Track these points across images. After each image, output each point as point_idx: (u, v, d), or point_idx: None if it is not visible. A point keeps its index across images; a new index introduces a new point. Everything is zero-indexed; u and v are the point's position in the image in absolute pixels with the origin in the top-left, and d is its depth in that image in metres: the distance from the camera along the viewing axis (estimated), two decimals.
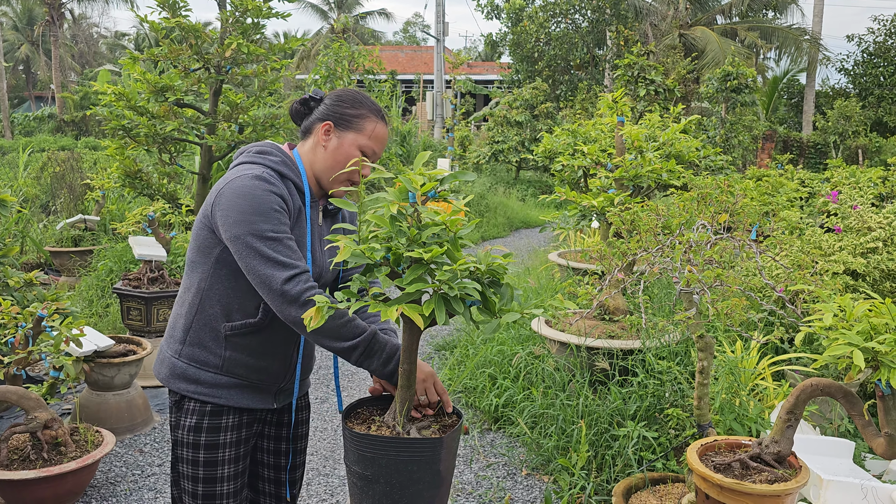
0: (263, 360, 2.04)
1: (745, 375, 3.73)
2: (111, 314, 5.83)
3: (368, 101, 2.09)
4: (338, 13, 38.92)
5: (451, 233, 1.68)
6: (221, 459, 2.05)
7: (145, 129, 6.17)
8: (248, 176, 1.93)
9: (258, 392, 2.07)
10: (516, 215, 13.24)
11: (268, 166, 2.00)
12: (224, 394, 2.02)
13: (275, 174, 1.99)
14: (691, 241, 2.85)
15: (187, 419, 2.03)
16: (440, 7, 21.81)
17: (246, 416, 2.08)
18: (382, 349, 1.90)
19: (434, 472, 1.79)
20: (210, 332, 2.01)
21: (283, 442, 2.25)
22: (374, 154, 2.08)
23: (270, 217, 1.88)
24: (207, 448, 2.03)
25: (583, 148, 5.00)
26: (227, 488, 2.07)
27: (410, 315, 1.59)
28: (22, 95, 43.68)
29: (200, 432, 2.02)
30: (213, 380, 2.02)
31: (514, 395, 4.25)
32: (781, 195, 8.06)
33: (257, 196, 1.89)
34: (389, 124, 2.12)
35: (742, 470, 2.30)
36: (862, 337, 1.96)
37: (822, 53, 23.74)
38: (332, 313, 1.71)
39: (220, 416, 2.04)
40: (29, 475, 3.19)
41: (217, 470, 2.04)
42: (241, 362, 2.02)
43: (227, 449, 2.05)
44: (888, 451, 2.09)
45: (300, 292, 1.82)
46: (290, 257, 1.87)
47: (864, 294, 3.96)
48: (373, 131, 2.05)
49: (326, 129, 2.05)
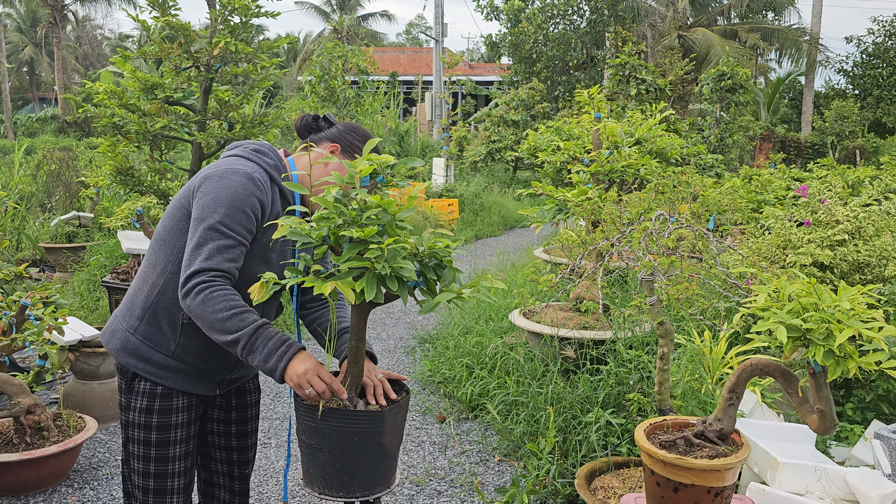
0: (214, 352, 2.08)
1: (713, 364, 3.82)
2: (102, 307, 5.94)
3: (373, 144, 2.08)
4: (340, 14, 39.08)
5: (390, 215, 1.77)
6: (173, 440, 2.11)
7: (136, 125, 6.28)
8: (241, 172, 1.98)
9: (202, 380, 2.13)
10: (511, 214, 13.33)
11: (262, 167, 2.06)
12: (171, 377, 2.08)
13: (266, 176, 2.06)
14: (648, 229, 2.94)
15: (139, 401, 2.08)
16: (439, 8, 21.92)
17: (195, 399, 2.15)
18: (264, 345, 1.82)
19: (376, 444, 1.88)
20: (168, 315, 2.05)
21: (231, 424, 2.34)
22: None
23: (237, 216, 1.93)
24: (159, 429, 2.09)
25: (560, 144, 5.10)
26: (179, 467, 2.14)
27: (343, 290, 1.69)
28: (25, 97, 43.92)
29: (152, 414, 2.08)
30: (163, 362, 2.07)
31: (490, 384, 4.34)
32: (769, 193, 8.14)
33: (239, 194, 1.94)
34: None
35: (686, 447, 2.39)
36: (792, 316, 2.05)
37: (822, 54, 23.80)
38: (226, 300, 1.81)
39: (171, 399, 2.10)
40: (11, 458, 3.29)
41: (169, 450, 2.11)
42: (192, 351, 2.07)
43: (178, 430, 2.12)
44: (821, 427, 2.18)
45: (197, 284, 1.85)
46: (223, 255, 1.89)
47: (830, 286, 4.04)
48: None
49: (333, 150, 2.14)
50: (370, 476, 1.93)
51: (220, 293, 1.85)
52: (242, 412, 2.35)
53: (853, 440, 3.59)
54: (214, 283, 1.86)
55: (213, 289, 1.85)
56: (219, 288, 1.86)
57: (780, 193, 7.87)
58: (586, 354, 4.10)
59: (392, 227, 1.85)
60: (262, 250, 2.06)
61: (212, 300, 1.83)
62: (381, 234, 1.81)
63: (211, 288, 1.85)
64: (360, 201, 1.85)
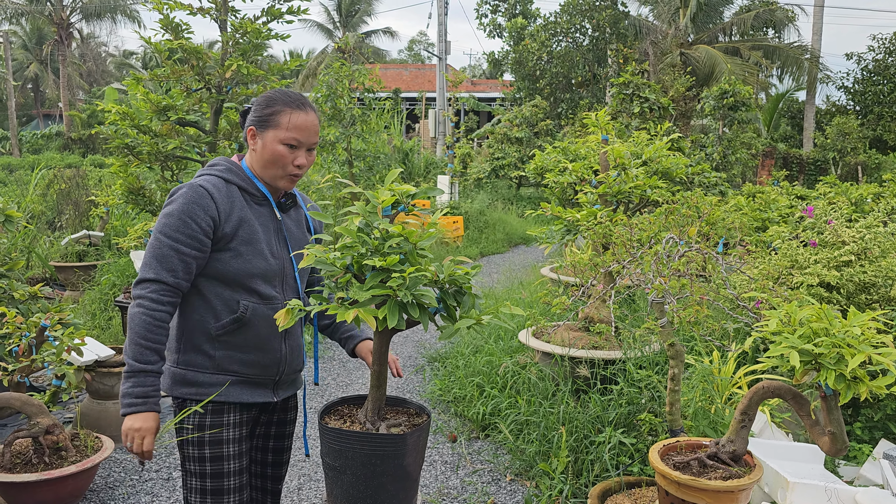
0: (253, 354, 2.17)
1: (722, 384, 3.86)
2: (113, 326, 5.99)
3: (283, 95, 2.19)
4: (343, 32, 39.37)
5: (411, 244, 1.83)
6: (227, 455, 2.18)
7: (148, 147, 6.37)
8: (185, 185, 2.14)
9: (256, 386, 2.22)
10: (515, 231, 13.39)
11: (213, 175, 2.19)
12: (224, 392, 2.16)
13: (219, 180, 2.17)
14: (659, 252, 3.00)
15: (191, 418, 2.16)
16: (442, 26, 22.11)
17: (246, 414, 2.24)
18: (133, 386, 2.01)
19: (398, 466, 1.93)
20: (202, 334, 2.15)
21: (270, 439, 2.40)
22: (300, 142, 2.16)
23: (175, 223, 2.07)
24: (212, 444, 2.17)
25: (567, 165, 5.17)
26: (234, 483, 2.20)
27: (365, 318, 1.74)
28: (30, 113, 44.20)
29: (204, 429, 2.16)
30: (210, 380, 2.16)
31: (501, 403, 4.39)
32: (773, 211, 8.20)
33: (178, 203, 2.09)
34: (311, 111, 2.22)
35: (700, 468, 2.44)
36: (803, 341, 2.11)
37: (823, 72, 23.93)
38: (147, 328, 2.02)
39: (223, 414, 2.18)
40: (31, 478, 3.34)
41: (224, 465, 2.18)
42: (233, 359, 2.16)
43: (231, 445, 2.19)
44: (832, 448, 2.23)
45: (137, 295, 2.05)
46: (162, 264, 2.05)
47: (837, 306, 4.09)
48: (289, 122, 2.14)
49: (251, 135, 2.21)
50: (392, 498, 1.98)
51: (147, 318, 2.03)
52: (282, 428, 2.41)
53: (861, 459, 3.62)
54: (150, 300, 2.04)
55: (147, 310, 2.03)
56: (150, 311, 2.04)
57: (785, 212, 7.93)
58: (596, 374, 4.14)
59: (413, 256, 1.91)
60: (245, 245, 2.14)
61: (139, 321, 2.03)
62: (402, 263, 1.87)
63: (145, 307, 2.04)
64: (382, 230, 1.91)
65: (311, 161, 2.21)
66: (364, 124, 11.16)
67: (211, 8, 6.63)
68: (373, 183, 10.95)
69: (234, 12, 6.77)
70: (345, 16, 40.02)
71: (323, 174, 10.81)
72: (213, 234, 2.11)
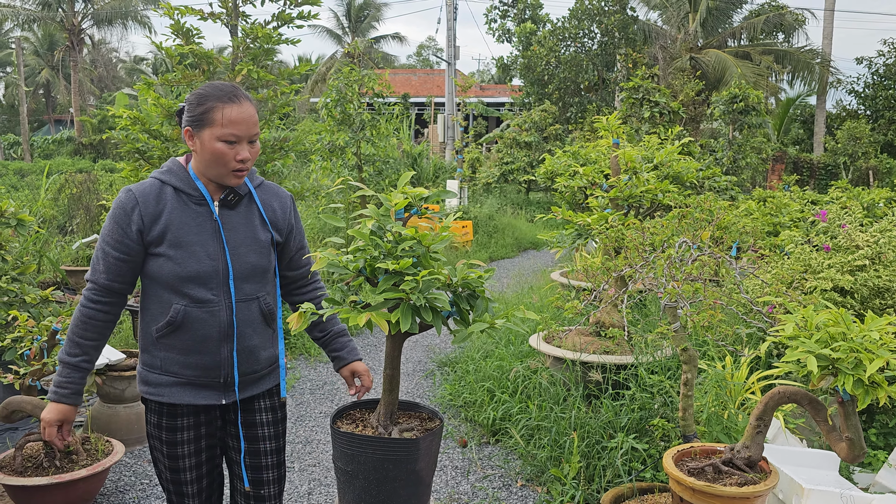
0: (190, 357, 2.17)
1: (735, 389, 3.83)
2: (124, 330, 6.00)
3: (214, 90, 2.14)
4: (352, 37, 39.49)
5: (424, 247, 1.81)
6: (181, 454, 2.25)
7: (159, 151, 6.38)
8: (122, 190, 2.20)
9: (201, 388, 2.21)
10: (525, 236, 13.36)
11: (153, 176, 2.23)
12: (167, 392, 2.19)
13: (155, 182, 2.19)
14: (672, 256, 2.98)
15: (151, 417, 2.25)
16: (451, 32, 22.13)
17: (203, 416, 2.26)
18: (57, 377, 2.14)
19: (411, 471, 1.91)
20: (148, 336, 2.22)
21: (241, 442, 2.33)
22: (238, 136, 2.11)
23: (108, 226, 2.15)
24: (168, 444, 2.24)
25: (578, 169, 5.15)
26: (190, 476, 2.29)
27: (377, 321, 1.73)
28: (42, 119, 44.49)
29: (161, 430, 2.23)
30: (157, 380, 2.21)
31: (512, 408, 4.36)
32: (784, 216, 8.15)
33: (113, 208, 2.17)
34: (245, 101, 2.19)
35: (714, 474, 2.42)
36: (820, 345, 2.08)
37: (834, 76, 23.82)
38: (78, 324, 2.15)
39: (176, 417, 2.23)
40: (42, 482, 3.34)
41: (178, 462, 2.26)
42: (173, 360, 2.18)
43: (185, 445, 2.25)
44: (850, 455, 2.20)
45: (83, 295, 2.18)
46: (97, 266, 2.15)
47: (851, 311, 4.05)
48: (223, 118, 2.09)
49: (189, 136, 2.17)
50: (404, 503, 1.96)
51: (80, 316, 2.15)
52: (252, 430, 2.34)
53: (877, 466, 3.58)
54: (86, 299, 2.16)
55: (82, 307, 2.16)
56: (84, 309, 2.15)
57: (796, 216, 7.88)
58: (608, 379, 4.12)
59: (426, 259, 1.90)
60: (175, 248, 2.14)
61: (74, 318, 2.17)
62: (415, 266, 1.86)
63: (82, 305, 2.16)
64: (395, 234, 1.90)
65: (255, 153, 2.16)
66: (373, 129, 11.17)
67: (222, 13, 6.66)
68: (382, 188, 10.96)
69: (244, 17, 6.79)
70: (354, 21, 40.15)
71: (333, 178, 10.82)
72: (141, 239, 2.14)
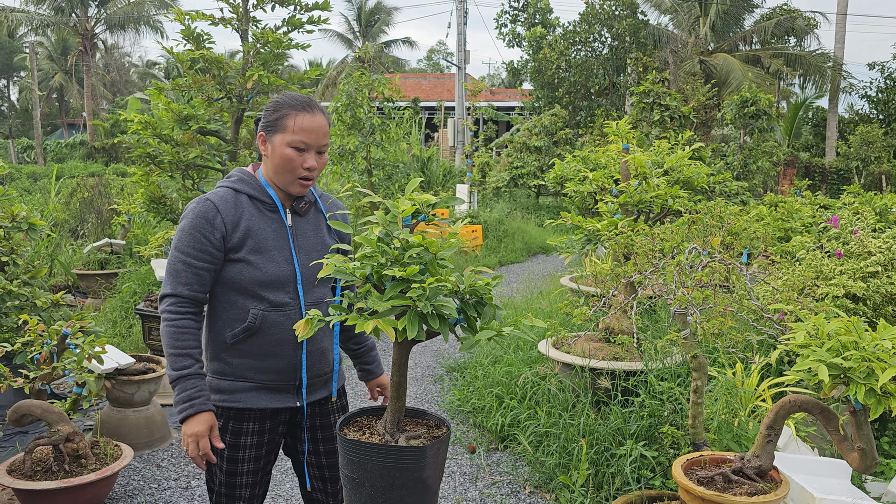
0: (268, 360, 2.23)
1: (745, 397, 3.80)
2: (134, 334, 6.02)
3: (290, 99, 2.22)
4: (362, 42, 39.59)
5: (432, 254, 1.81)
6: (242, 458, 2.29)
7: (169, 156, 6.41)
8: (196, 200, 2.22)
9: (276, 392, 2.28)
10: (534, 241, 13.34)
11: (224, 186, 2.26)
12: (243, 397, 2.24)
13: (228, 191, 2.24)
14: (682, 263, 2.96)
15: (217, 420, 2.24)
16: (461, 36, 22.15)
17: (269, 422, 2.30)
18: (180, 394, 2.11)
19: (417, 479, 1.90)
20: (220, 343, 2.25)
21: (319, 444, 2.44)
22: (308, 144, 2.19)
23: (186, 238, 2.15)
24: (230, 448, 2.27)
25: (588, 174, 5.14)
26: (245, 480, 2.32)
27: (384, 329, 1.73)
28: (55, 123, 44.84)
29: (225, 434, 2.26)
30: (230, 386, 2.25)
31: (520, 414, 4.35)
32: (796, 221, 8.09)
33: (188, 219, 2.17)
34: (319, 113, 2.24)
35: (724, 483, 2.39)
36: (832, 354, 2.06)
37: (846, 80, 23.68)
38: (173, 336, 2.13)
39: (243, 422, 2.27)
40: (51, 485, 3.35)
41: (238, 466, 2.29)
42: (248, 366, 2.23)
43: (247, 450, 2.29)
44: (862, 465, 2.17)
45: (161, 311, 2.17)
46: (177, 279, 2.15)
47: (863, 318, 4.02)
48: (294, 125, 2.17)
49: (262, 140, 2.25)
50: None
51: (171, 328, 2.13)
52: (328, 431, 2.45)
53: (889, 475, 3.54)
54: (170, 312, 2.15)
55: (169, 321, 2.14)
56: (173, 321, 2.14)
57: (808, 221, 7.82)
58: (617, 386, 4.09)
59: (433, 266, 1.89)
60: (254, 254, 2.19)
61: (165, 333, 2.14)
62: (422, 273, 1.85)
63: (168, 319, 2.14)
64: (402, 241, 1.89)
65: (322, 163, 2.23)
66: (383, 133, 11.18)
67: (232, 18, 6.68)
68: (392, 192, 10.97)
69: (255, 22, 6.81)
70: (364, 26, 40.26)
71: (342, 183, 10.84)
72: (223, 245, 2.17)
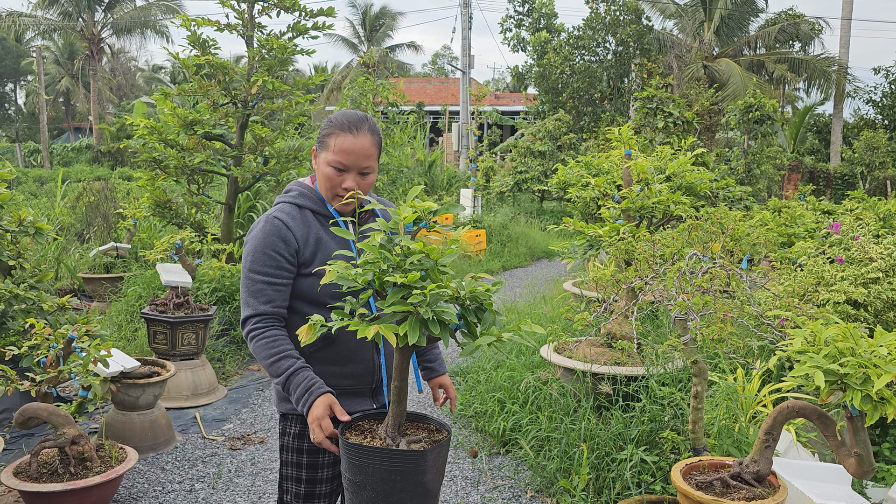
0: (346, 367, 2.26)
1: (746, 402, 3.81)
2: (139, 338, 6.06)
3: (340, 117, 2.23)
4: (368, 46, 39.70)
5: (433, 260, 1.83)
6: (322, 463, 2.30)
7: (175, 160, 6.46)
8: (262, 220, 2.24)
9: (353, 396, 2.31)
10: (538, 245, 13.36)
11: (286, 202, 2.29)
12: None
13: (293, 207, 2.27)
14: (682, 269, 2.98)
15: (292, 427, 2.30)
16: (466, 41, 22.22)
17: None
18: (295, 390, 2.10)
19: (417, 483, 1.92)
20: None
21: None
22: (346, 166, 2.21)
23: (260, 259, 2.18)
24: (310, 453, 2.29)
25: (590, 180, 5.16)
26: (325, 489, 2.34)
27: (385, 334, 1.76)
28: (61, 127, 45.03)
29: (304, 440, 2.28)
30: None
31: (522, 419, 4.37)
32: (799, 226, 8.09)
33: (258, 239, 2.20)
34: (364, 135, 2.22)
35: (723, 488, 2.41)
36: (828, 360, 2.08)
37: (850, 85, 23.67)
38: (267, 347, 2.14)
39: None
40: (56, 488, 3.38)
41: (318, 473, 2.31)
42: (327, 372, 2.24)
43: (326, 454, 2.30)
44: (859, 471, 2.19)
45: (246, 333, 2.19)
46: (258, 299, 2.17)
47: (864, 324, 4.03)
48: (335, 145, 2.20)
49: (314, 155, 2.30)
50: None
51: (262, 341, 2.15)
52: None
53: (890, 481, 3.55)
54: (257, 329, 2.16)
55: (258, 336, 2.16)
56: (261, 335, 2.16)
57: (811, 227, 7.82)
58: (619, 391, 4.11)
59: (434, 272, 1.91)
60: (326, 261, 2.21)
61: (258, 348, 2.16)
62: (423, 279, 1.88)
63: (256, 336, 2.16)
64: (403, 247, 1.92)
65: (365, 184, 2.24)
66: (387, 138, 11.23)
67: (238, 24, 6.73)
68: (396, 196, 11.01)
69: (260, 28, 6.87)
70: (369, 30, 40.37)
71: None
72: (297, 260, 2.21)
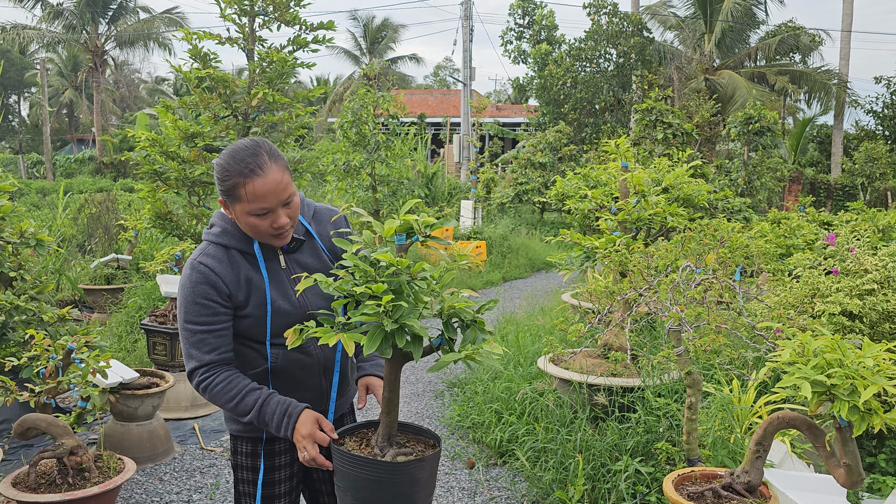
0: (294, 394, 2.22)
1: (741, 413, 3.83)
2: (139, 349, 6.08)
3: (235, 163, 2.04)
4: (369, 58, 39.89)
5: (409, 275, 1.87)
6: (278, 479, 2.32)
7: (176, 172, 6.50)
8: (188, 265, 2.14)
9: None
10: (538, 256, 13.38)
11: (210, 241, 2.17)
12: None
13: (217, 248, 2.16)
14: (675, 280, 3.01)
15: (243, 446, 2.29)
16: (467, 53, 22.33)
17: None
18: (271, 420, 2.08)
19: (399, 494, 1.94)
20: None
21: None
22: (268, 208, 2.06)
23: (194, 309, 2.10)
24: (266, 471, 2.29)
25: (587, 192, 5.20)
26: (284, 489, 2.33)
27: (345, 342, 1.81)
28: (64, 138, 45.24)
29: (258, 459, 2.28)
30: None
31: (519, 430, 4.38)
32: (798, 238, 8.11)
33: (187, 288, 2.11)
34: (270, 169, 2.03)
35: (714, 499, 2.43)
36: (816, 371, 2.10)
37: (851, 97, 23.74)
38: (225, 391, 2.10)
39: (274, 442, 2.31)
40: (54, 498, 3.39)
41: (275, 489, 2.31)
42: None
43: (282, 470, 2.32)
44: (848, 481, 2.21)
45: (196, 385, 2.13)
46: (201, 349, 2.11)
47: (859, 335, 4.04)
48: (246, 194, 2.03)
49: (224, 206, 2.15)
50: None
51: (218, 387, 2.11)
52: None
53: (886, 492, 3.56)
54: (207, 378, 2.12)
55: (210, 385, 2.11)
56: (213, 383, 2.11)
57: (810, 238, 7.84)
58: (614, 402, 4.13)
59: (405, 285, 1.93)
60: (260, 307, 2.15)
61: (215, 396, 2.12)
62: (396, 293, 1.90)
63: (208, 385, 2.12)
64: (373, 260, 1.94)
65: (293, 213, 2.12)
66: (388, 150, 11.29)
67: (238, 38, 6.79)
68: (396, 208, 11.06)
69: (261, 41, 6.93)
70: (371, 42, 40.60)
71: (348, 199, 10.93)
72: (231, 302, 2.14)
